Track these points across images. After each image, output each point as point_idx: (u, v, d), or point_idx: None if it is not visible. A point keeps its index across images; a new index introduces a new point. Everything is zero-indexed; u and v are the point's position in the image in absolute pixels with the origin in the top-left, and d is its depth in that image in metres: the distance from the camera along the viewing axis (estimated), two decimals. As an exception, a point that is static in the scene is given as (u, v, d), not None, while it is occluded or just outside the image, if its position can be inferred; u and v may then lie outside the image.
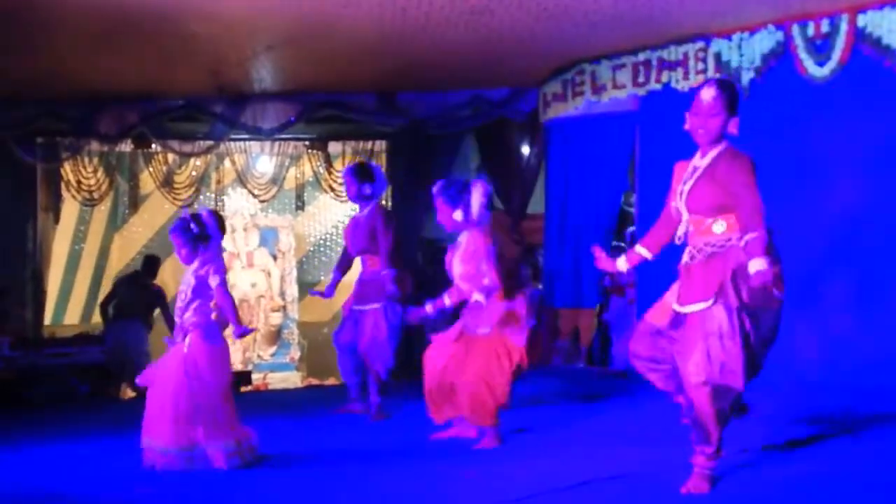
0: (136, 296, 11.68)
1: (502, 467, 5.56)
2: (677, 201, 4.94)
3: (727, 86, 4.95)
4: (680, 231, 4.96)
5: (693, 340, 4.70)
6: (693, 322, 4.74)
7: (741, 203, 4.70)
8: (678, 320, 4.86)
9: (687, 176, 4.93)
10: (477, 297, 6.39)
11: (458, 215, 6.44)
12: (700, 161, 4.91)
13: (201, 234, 5.91)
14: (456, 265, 6.48)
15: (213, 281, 5.91)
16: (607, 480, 5.00)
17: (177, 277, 10.49)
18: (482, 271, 6.33)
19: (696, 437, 4.76)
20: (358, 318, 7.90)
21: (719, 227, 4.81)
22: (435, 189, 6.55)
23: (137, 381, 6.10)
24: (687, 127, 4.95)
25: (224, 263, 6.10)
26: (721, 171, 4.80)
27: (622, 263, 5.28)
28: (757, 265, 4.57)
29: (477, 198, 6.41)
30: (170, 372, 5.85)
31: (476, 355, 6.26)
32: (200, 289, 5.95)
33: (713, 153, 4.88)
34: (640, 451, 5.50)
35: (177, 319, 6.00)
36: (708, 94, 4.87)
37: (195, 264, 5.96)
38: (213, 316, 6.04)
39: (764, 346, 4.79)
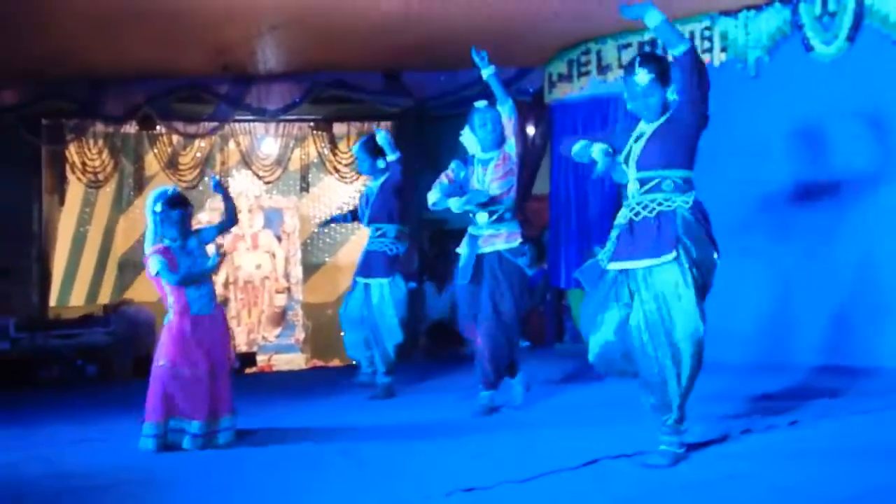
0: None
1: (510, 446, 5.57)
2: (624, 163, 5.08)
3: (654, 62, 5.06)
4: (630, 190, 5.06)
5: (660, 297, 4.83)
6: (647, 278, 4.86)
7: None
8: (616, 279, 4.98)
9: (632, 142, 5.08)
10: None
11: (472, 138, 6.92)
12: (648, 126, 5.06)
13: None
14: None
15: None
16: (616, 458, 4.99)
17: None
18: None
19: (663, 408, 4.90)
20: (365, 291, 7.93)
21: (668, 185, 4.93)
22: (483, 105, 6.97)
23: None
24: (630, 107, 5.13)
25: None
26: (676, 128, 4.96)
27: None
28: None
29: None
30: (222, 345, 6.12)
31: None
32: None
33: (661, 120, 5.03)
34: (648, 430, 5.49)
35: (195, 293, 6.03)
36: (642, 78, 4.99)
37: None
38: None
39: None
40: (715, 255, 4.93)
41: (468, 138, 6.89)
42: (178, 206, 6.04)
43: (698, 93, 4.87)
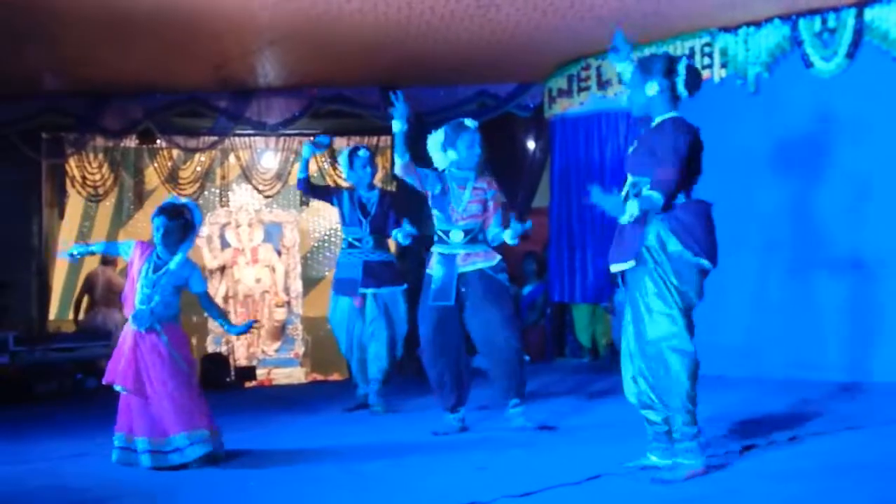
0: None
1: (512, 461, 5.56)
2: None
3: (640, 61, 5.06)
4: (623, 192, 5.00)
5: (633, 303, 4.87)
6: (629, 284, 4.91)
7: (655, 168, 4.80)
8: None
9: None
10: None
11: (452, 154, 6.69)
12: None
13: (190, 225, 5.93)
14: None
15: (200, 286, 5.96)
16: (618, 475, 4.98)
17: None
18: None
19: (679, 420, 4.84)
20: (371, 300, 7.89)
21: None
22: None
23: (113, 379, 5.91)
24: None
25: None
26: (654, 137, 4.90)
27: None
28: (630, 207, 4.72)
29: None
30: (164, 366, 5.78)
31: None
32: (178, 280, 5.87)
33: (656, 122, 4.99)
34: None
35: (140, 305, 5.80)
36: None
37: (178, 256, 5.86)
38: None
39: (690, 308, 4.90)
40: (700, 260, 4.82)
41: (438, 153, 6.77)
42: (161, 213, 5.88)
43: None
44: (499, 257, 6.71)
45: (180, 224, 5.86)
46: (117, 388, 5.86)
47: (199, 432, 5.74)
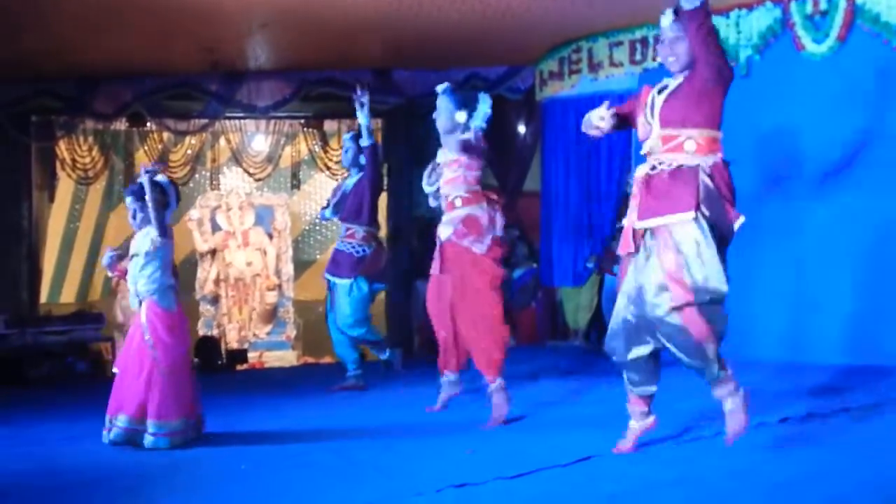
0: None
1: (503, 444, 5.57)
2: (647, 116, 4.94)
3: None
4: (646, 147, 4.94)
5: (665, 258, 4.74)
6: (663, 235, 4.77)
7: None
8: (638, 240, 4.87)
9: (655, 93, 4.97)
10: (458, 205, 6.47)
11: (460, 116, 6.47)
12: (672, 81, 4.95)
13: (141, 198, 6.05)
14: (447, 172, 6.52)
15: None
16: (608, 456, 5.00)
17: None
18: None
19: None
20: (331, 288, 8.07)
21: (690, 145, 4.82)
22: (442, 88, 6.57)
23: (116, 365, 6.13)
24: (659, 58, 5.05)
25: (166, 236, 5.98)
26: (693, 84, 4.83)
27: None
28: None
29: (484, 107, 6.48)
30: (136, 344, 5.87)
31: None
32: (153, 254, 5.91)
33: (685, 73, 4.89)
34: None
35: (130, 287, 5.94)
36: (666, 20, 4.90)
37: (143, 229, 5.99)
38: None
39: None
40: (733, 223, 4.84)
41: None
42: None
43: (704, 48, 4.72)
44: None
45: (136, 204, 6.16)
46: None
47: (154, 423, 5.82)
